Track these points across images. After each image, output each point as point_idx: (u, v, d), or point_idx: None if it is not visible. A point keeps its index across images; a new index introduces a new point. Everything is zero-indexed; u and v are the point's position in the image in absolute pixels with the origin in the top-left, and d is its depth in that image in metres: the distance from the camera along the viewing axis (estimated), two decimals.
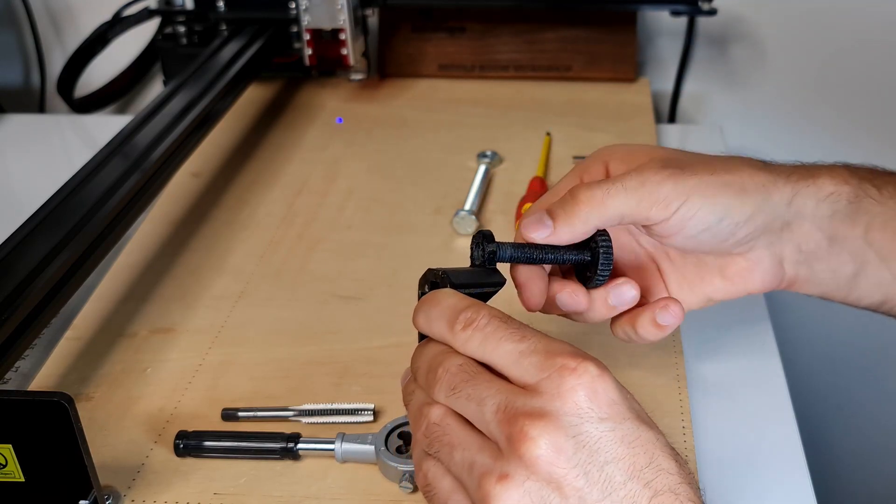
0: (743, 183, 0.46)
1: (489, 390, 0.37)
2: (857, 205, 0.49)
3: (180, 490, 0.48)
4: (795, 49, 0.96)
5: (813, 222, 0.48)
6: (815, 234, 0.49)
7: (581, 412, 0.36)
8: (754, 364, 0.58)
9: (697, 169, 0.45)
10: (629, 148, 0.49)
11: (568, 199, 0.45)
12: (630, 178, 0.45)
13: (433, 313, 0.41)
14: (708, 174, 0.45)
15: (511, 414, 0.36)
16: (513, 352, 0.38)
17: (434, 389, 0.39)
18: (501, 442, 0.36)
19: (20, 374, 0.58)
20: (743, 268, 0.49)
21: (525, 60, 0.94)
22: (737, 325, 0.60)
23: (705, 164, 0.46)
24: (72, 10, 1.04)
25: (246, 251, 0.68)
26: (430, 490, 0.39)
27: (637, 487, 0.36)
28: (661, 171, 0.45)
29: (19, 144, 0.90)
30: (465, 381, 0.38)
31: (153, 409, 0.53)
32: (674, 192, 0.45)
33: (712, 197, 0.45)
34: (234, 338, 0.59)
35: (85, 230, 0.56)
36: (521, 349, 0.38)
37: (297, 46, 0.89)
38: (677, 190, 0.45)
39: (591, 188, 0.45)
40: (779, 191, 0.47)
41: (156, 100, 0.72)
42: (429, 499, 0.40)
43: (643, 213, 0.45)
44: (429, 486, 0.39)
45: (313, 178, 0.78)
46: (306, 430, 0.50)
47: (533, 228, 0.45)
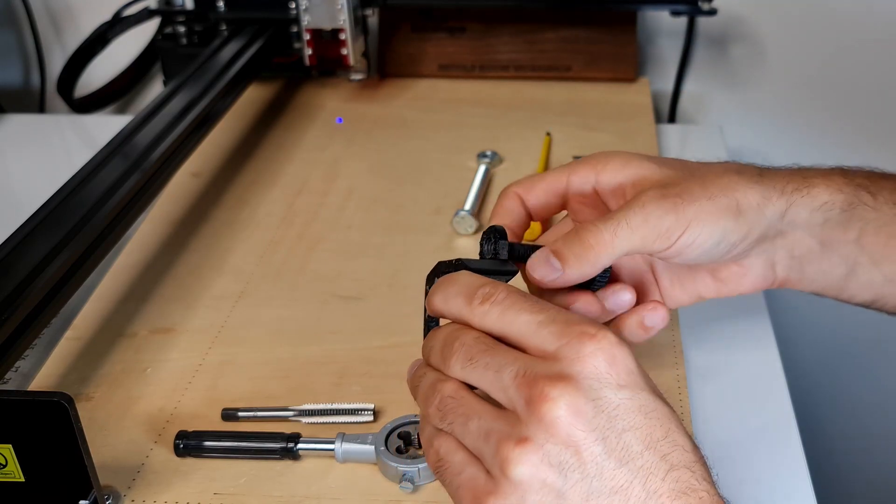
0: (738, 204, 0.47)
1: (507, 358, 0.38)
2: (850, 212, 0.49)
3: (180, 490, 0.48)
4: (795, 49, 0.96)
5: (805, 230, 0.49)
6: (807, 240, 0.50)
7: (600, 377, 0.37)
8: (753, 361, 0.58)
9: (695, 193, 0.46)
10: (624, 159, 0.49)
11: (575, 240, 0.45)
12: (634, 215, 0.45)
13: (451, 291, 0.41)
14: (706, 199, 0.46)
15: (531, 378, 0.36)
16: (531, 322, 0.38)
17: (450, 363, 0.39)
18: (520, 407, 0.37)
19: (20, 374, 0.58)
20: (735, 272, 0.50)
21: (525, 60, 0.94)
22: (735, 321, 0.60)
23: (702, 185, 0.47)
24: (72, 9, 1.04)
25: (246, 251, 0.68)
26: (443, 465, 0.39)
27: (654, 459, 0.36)
28: (662, 203, 0.45)
29: (19, 144, 0.90)
30: (483, 352, 0.38)
31: (153, 409, 0.53)
32: (675, 225, 0.45)
33: (711, 223, 0.46)
34: (234, 338, 0.59)
35: (85, 230, 0.56)
36: (539, 319, 0.38)
37: (297, 46, 0.89)
38: (679, 222, 0.46)
39: (598, 230, 0.45)
40: (773, 205, 0.48)
41: (156, 100, 0.72)
42: (441, 476, 0.39)
43: (648, 248, 0.46)
44: (441, 461, 0.39)
45: (313, 178, 0.78)
46: (306, 430, 0.50)
47: (541, 271, 0.45)
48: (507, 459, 0.36)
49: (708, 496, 0.36)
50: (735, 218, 0.46)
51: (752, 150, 1.00)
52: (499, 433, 0.37)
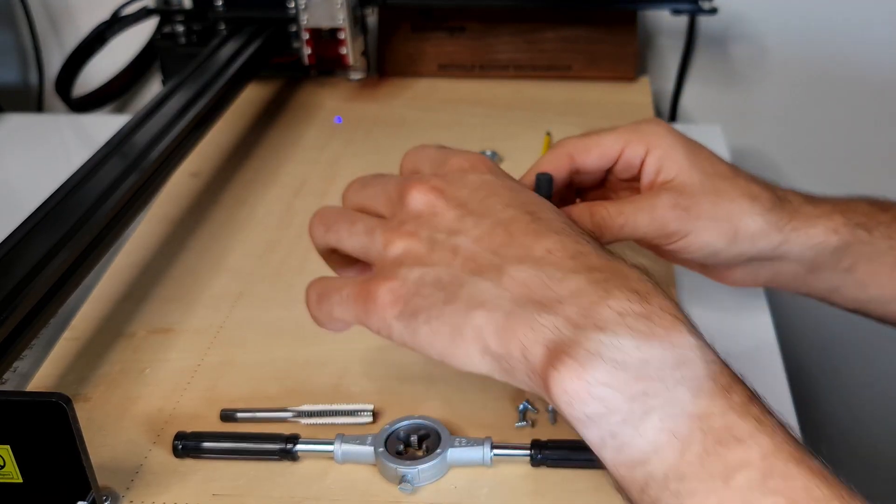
0: (737, 232, 0.51)
1: (391, 180, 0.48)
2: (844, 249, 0.53)
3: (179, 491, 0.48)
4: (796, 49, 0.96)
5: (795, 261, 0.53)
6: (794, 268, 0.54)
7: (463, 167, 0.46)
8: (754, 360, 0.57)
9: (703, 211, 0.51)
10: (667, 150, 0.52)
11: (586, 218, 0.50)
12: (644, 216, 0.51)
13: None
14: (710, 219, 0.51)
15: (402, 184, 0.46)
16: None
17: (347, 197, 0.49)
18: (397, 205, 0.45)
19: (18, 375, 0.57)
20: (721, 269, 0.55)
21: (525, 60, 0.94)
22: (736, 319, 0.61)
23: (713, 204, 0.51)
24: (70, 9, 1.03)
25: (245, 251, 0.68)
26: (327, 292, 0.45)
27: (518, 212, 0.42)
28: (671, 212, 0.51)
29: (17, 144, 0.90)
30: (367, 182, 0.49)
31: (152, 410, 0.53)
32: (676, 232, 0.51)
33: (707, 240, 0.51)
34: (233, 338, 0.59)
35: (83, 230, 0.56)
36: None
37: (295, 46, 0.88)
38: (680, 231, 0.51)
39: (610, 218, 0.51)
40: (768, 239, 0.52)
41: (154, 99, 0.72)
42: (328, 305, 0.45)
43: (648, 241, 0.52)
44: (324, 290, 0.46)
45: (312, 178, 0.77)
46: (305, 430, 0.50)
47: None
48: (388, 239, 0.43)
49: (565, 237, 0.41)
50: (729, 242, 0.51)
51: (751, 150, 1.00)
52: (381, 225, 0.44)
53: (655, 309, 0.38)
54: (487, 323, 0.39)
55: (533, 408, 0.51)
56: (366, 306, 0.42)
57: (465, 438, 0.48)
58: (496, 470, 0.48)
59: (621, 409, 0.36)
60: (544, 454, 0.47)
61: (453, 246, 0.42)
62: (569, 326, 0.37)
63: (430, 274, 0.41)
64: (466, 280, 0.40)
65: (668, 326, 0.38)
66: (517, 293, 0.39)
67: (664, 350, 0.37)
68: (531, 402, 0.51)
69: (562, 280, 0.39)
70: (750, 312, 0.61)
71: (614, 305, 0.38)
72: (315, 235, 0.49)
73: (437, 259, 0.42)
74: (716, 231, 0.51)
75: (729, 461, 0.35)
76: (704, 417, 0.36)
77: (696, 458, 0.35)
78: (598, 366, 0.36)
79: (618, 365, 0.36)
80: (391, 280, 0.42)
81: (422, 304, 0.41)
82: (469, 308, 0.40)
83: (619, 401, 0.36)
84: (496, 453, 0.47)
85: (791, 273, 0.54)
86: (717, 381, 0.37)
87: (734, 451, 0.35)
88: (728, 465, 0.35)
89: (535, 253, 0.40)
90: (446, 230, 0.42)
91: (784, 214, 0.52)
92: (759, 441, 0.35)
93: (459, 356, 0.40)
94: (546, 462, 0.47)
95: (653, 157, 0.52)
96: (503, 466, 0.48)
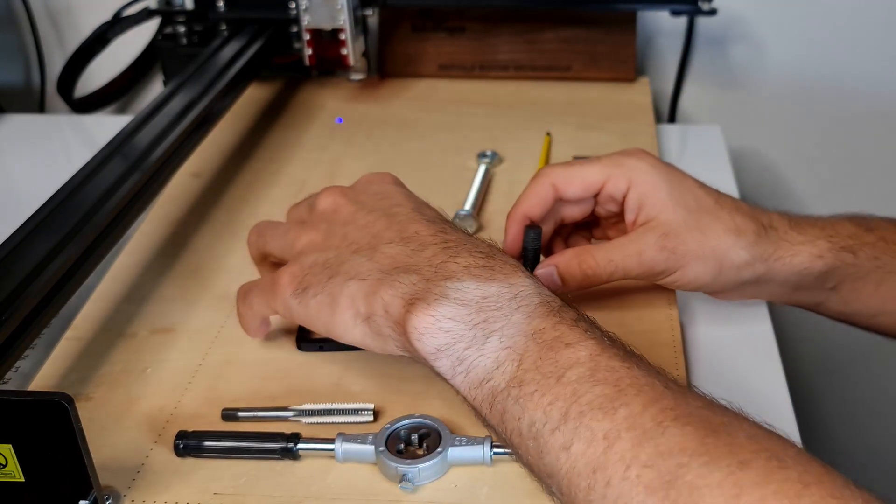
0: (722, 266, 0.53)
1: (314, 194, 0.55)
2: (828, 273, 0.54)
3: (180, 490, 0.48)
4: (795, 49, 0.96)
5: (780, 284, 0.55)
6: (779, 289, 0.56)
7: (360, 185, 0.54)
8: (754, 361, 0.58)
9: (689, 250, 0.53)
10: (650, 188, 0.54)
11: (577, 271, 0.54)
12: (630, 260, 0.53)
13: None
14: (696, 258, 0.53)
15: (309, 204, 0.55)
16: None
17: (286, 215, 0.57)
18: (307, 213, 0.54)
19: (20, 374, 0.58)
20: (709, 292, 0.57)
21: (525, 60, 0.94)
22: (736, 321, 0.61)
23: (700, 242, 0.53)
24: (72, 10, 1.04)
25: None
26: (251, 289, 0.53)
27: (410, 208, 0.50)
28: (659, 253, 0.53)
29: (19, 144, 0.91)
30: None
31: (153, 410, 0.53)
32: (664, 271, 0.54)
33: (694, 275, 0.54)
34: (234, 338, 0.59)
35: (85, 230, 0.56)
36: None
37: (296, 46, 0.89)
38: (668, 270, 0.54)
39: (599, 266, 0.54)
40: (752, 269, 0.54)
41: (156, 100, 0.72)
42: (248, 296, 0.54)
43: (637, 279, 0.55)
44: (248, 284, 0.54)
45: (313, 178, 0.78)
46: (306, 430, 0.50)
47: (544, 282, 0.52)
48: (296, 235, 0.52)
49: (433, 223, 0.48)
50: (715, 276, 0.54)
51: (751, 150, 1.00)
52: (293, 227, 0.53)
53: (497, 263, 0.45)
54: (358, 290, 0.46)
55: None
56: (273, 290, 0.50)
57: (465, 437, 0.48)
58: (496, 469, 0.48)
59: (465, 337, 0.42)
60: None
61: (344, 234, 0.50)
62: (422, 281, 0.44)
63: (322, 257, 0.49)
64: (347, 258, 0.48)
65: (507, 272, 0.44)
66: (385, 264, 0.46)
67: (502, 287, 0.43)
68: None
69: (421, 251, 0.46)
70: (749, 314, 0.61)
71: (461, 261, 0.45)
72: (250, 243, 0.57)
73: (329, 244, 0.50)
74: (702, 268, 0.53)
75: (560, 362, 0.39)
76: (538, 333, 0.41)
77: (531, 365, 0.40)
78: (443, 304, 0.42)
79: (461, 302, 0.42)
80: (292, 266, 0.50)
81: (311, 281, 0.48)
82: (345, 280, 0.46)
83: (462, 329, 0.42)
84: (496, 452, 0.47)
85: (775, 292, 0.56)
86: (549, 306, 0.42)
87: (564, 354, 0.40)
88: (559, 366, 0.39)
89: (405, 234, 0.47)
90: (340, 222, 0.51)
91: (769, 245, 0.53)
92: (587, 344, 0.40)
93: (337, 324, 0.47)
94: None
95: (634, 193, 0.54)
96: (503, 465, 0.48)
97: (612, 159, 0.56)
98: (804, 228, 0.54)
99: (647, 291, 0.60)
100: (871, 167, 1.00)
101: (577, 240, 0.61)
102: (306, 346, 0.57)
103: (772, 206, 0.57)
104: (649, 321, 0.58)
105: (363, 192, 0.52)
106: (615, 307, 0.59)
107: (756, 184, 1.01)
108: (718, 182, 0.58)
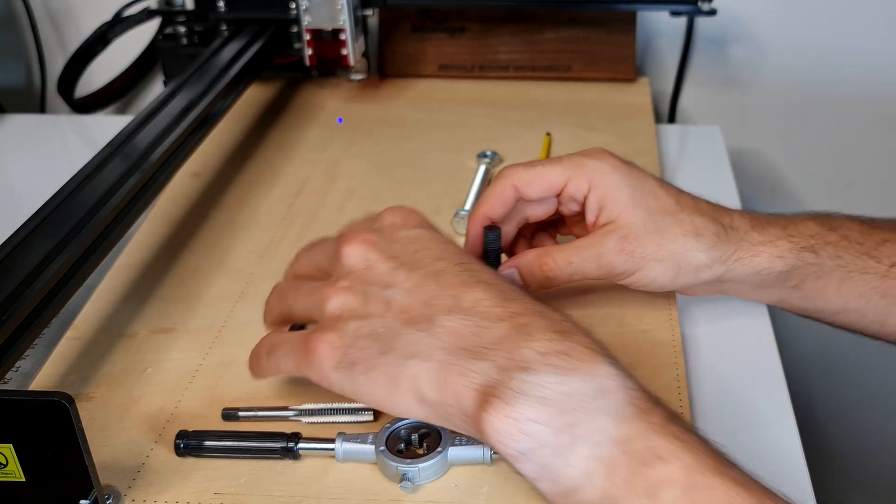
0: (680, 268, 0.54)
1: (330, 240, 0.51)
2: (789, 272, 0.54)
3: (180, 490, 0.48)
4: (795, 49, 0.96)
5: (741, 282, 0.55)
6: (741, 287, 0.56)
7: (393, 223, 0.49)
8: (752, 359, 0.58)
9: (648, 252, 0.53)
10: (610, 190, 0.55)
11: (538, 272, 0.54)
12: (591, 263, 0.54)
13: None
14: (655, 260, 0.53)
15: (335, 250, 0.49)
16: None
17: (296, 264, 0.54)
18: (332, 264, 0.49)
19: (21, 374, 0.58)
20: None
21: (525, 60, 0.94)
22: (735, 319, 0.60)
23: (658, 245, 0.53)
24: (72, 10, 1.04)
25: (246, 251, 0.68)
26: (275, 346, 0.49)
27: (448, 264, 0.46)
28: (618, 256, 0.53)
29: (20, 145, 0.91)
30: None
31: (153, 409, 0.53)
32: (624, 273, 0.54)
33: (652, 277, 0.54)
34: (235, 338, 0.59)
35: (85, 230, 0.56)
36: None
37: (297, 47, 0.89)
38: (627, 272, 0.54)
39: (558, 268, 0.54)
40: (711, 271, 0.54)
41: (156, 100, 0.72)
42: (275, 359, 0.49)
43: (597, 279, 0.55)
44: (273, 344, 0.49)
45: (313, 178, 0.78)
46: (306, 429, 0.50)
47: None
48: (326, 295, 0.46)
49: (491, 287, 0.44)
50: (673, 278, 0.54)
51: (750, 151, 1.00)
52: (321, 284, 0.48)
53: (575, 345, 0.41)
54: (422, 372, 0.42)
55: None
56: (307, 357, 0.45)
57: (465, 437, 0.48)
58: (496, 469, 0.48)
59: (550, 443, 0.38)
60: None
61: (386, 298, 0.45)
62: (496, 370, 0.40)
63: (366, 326, 0.44)
64: (400, 331, 0.43)
65: (587, 360, 0.40)
66: (448, 342, 0.42)
67: (584, 382, 0.39)
68: None
69: (488, 328, 0.42)
70: (749, 316, 0.61)
71: (536, 346, 0.41)
72: (269, 308, 0.53)
73: (372, 311, 0.45)
74: (660, 270, 0.54)
75: (652, 479, 0.37)
76: (627, 441, 0.38)
77: (622, 480, 0.37)
78: (524, 403, 0.39)
79: (543, 401, 0.39)
80: (329, 333, 0.45)
81: (359, 356, 0.44)
82: (404, 358, 0.42)
83: (547, 434, 0.38)
84: (496, 452, 0.47)
85: (737, 290, 0.57)
86: (636, 405, 0.39)
87: (657, 470, 0.37)
88: (652, 483, 0.37)
89: (463, 303, 0.43)
90: (379, 283, 0.45)
91: (728, 247, 0.54)
92: (680, 457, 0.37)
93: (397, 403, 0.43)
94: None
95: (594, 194, 0.54)
96: (503, 465, 0.48)
97: (573, 160, 0.56)
98: (765, 228, 0.54)
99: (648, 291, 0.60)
100: (871, 167, 1.00)
101: (542, 238, 0.61)
102: None
103: (771, 206, 0.58)
104: (649, 321, 0.58)
105: (391, 240, 0.48)
106: (615, 307, 0.60)
107: (755, 184, 1.01)
108: (718, 182, 0.58)
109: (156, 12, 0.92)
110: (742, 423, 0.53)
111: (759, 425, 0.53)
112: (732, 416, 0.53)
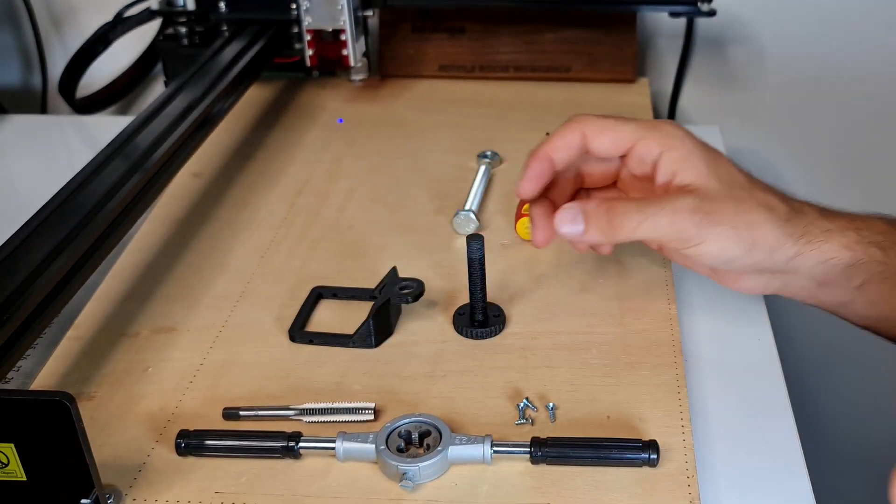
0: (755, 241, 0.51)
1: None
2: (855, 267, 0.52)
3: (181, 489, 0.48)
4: (795, 49, 0.96)
5: (806, 275, 0.53)
6: (805, 282, 0.54)
7: None
8: (751, 357, 0.58)
9: (724, 218, 0.50)
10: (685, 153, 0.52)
11: (603, 215, 0.51)
12: (663, 217, 0.50)
13: None
14: (730, 227, 0.50)
15: None
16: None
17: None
18: None
19: (22, 374, 0.58)
20: (731, 275, 0.55)
21: (525, 61, 0.94)
22: (733, 316, 0.61)
23: (734, 212, 0.51)
24: (73, 10, 1.04)
25: (247, 251, 0.68)
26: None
27: None
28: (692, 216, 0.50)
29: (21, 145, 0.91)
30: None
31: (154, 409, 0.54)
32: (695, 237, 0.50)
33: (724, 247, 0.51)
34: (236, 337, 0.59)
35: (86, 230, 0.56)
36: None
37: (298, 47, 0.89)
38: (699, 236, 0.50)
39: (627, 215, 0.50)
40: (784, 251, 0.51)
41: (157, 100, 0.72)
42: None
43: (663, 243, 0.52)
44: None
45: (314, 179, 0.78)
46: (307, 429, 0.51)
47: (565, 226, 0.50)
48: None
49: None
50: (746, 251, 0.51)
51: (750, 151, 1.00)
52: None
53: None
54: None
55: (532, 406, 0.52)
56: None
57: (465, 436, 0.48)
58: (496, 467, 0.48)
59: None
60: (544, 451, 0.47)
61: None
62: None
63: None
64: None
65: None
66: None
67: None
68: (531, 400, 0.52)
69: None
70: (749, 316, 0.61)
71: None
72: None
73: None
74: (734, 239, 0.50)
75: None
76: None
77: None
78: None
79: None
80: None
81: None
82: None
83: None
84: (496, 451, 0.48)
85: (801, 286, 0.54)
86: None
87: None
88: None
89: None
90: None
91: (799, 227, 0.52)
92: None
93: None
94: (546, 459, 0.48)
95: (668, 158, 0.52)
96: (503, 464, 0.48)
97: (648, 123, 0.53)
98: (833, 218, 0.53)
99: (647, 290, 0.61)
100: (871, 167, 1.00)
101: None
102: (298, 338, 0.58)
103: None
104: (649, 320, 0.58)
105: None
106: (615, 306, 0.60)
107: None
108: None
109: (157, 13, 0.92)
110: (742, 422, 0.53)
111: (759, 424, 0.53)
112: (732, 415, 0.53)
